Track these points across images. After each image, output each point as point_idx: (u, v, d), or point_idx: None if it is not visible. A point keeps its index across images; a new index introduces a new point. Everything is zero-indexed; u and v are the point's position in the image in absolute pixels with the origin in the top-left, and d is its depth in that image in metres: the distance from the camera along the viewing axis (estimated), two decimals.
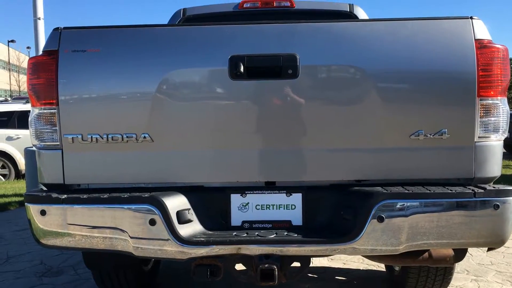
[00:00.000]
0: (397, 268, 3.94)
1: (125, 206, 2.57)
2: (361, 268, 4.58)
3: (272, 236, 2.58)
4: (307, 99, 2.68)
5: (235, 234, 2.62)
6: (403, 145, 2.67)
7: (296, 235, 2.59)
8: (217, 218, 2.75)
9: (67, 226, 2.61)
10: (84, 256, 3.48)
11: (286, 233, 2.63)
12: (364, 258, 4.57)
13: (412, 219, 2.50)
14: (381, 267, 4.52)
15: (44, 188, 2.83)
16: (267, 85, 2.67)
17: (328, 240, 2.54)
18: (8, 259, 5.07)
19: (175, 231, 2.54)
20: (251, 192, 2.75)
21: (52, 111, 2.70)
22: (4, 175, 11.77)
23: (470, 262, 4.66)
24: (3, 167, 11.76)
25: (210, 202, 2.75)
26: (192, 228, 2.65)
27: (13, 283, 4.33)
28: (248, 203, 2.75)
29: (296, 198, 2.74)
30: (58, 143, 2.72)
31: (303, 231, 2.64)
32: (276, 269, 2.56)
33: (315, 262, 4.59)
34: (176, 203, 2.63)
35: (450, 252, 2.99)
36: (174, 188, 2.74)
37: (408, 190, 2.55)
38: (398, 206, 2.51)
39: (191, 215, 2.65)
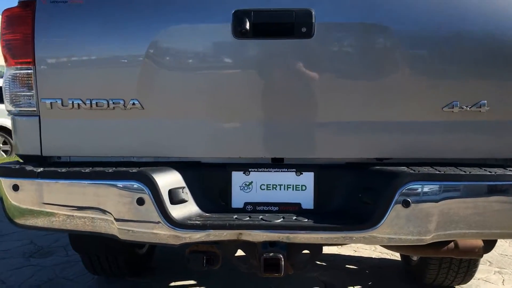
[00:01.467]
0: (414, 258, 3.59)
1: (109, 183, 2.22)
2: (373, 257, 4.24)
3: (279, 220, 2.22)
4: (323, 63, 2.30)
5: (235, 218, 2.26)
6: (434, 119, 2.29)
7: (306, 220, 2.24)
8: (216, 198, 2.39)
9: (43, 204, 2.27)
10: (70, 238, 3.16)
11: (294, 217, 2.27)
12: (377, 246, 4.22)
13: (444, 204, 2.13)
14: (395, 256, 4.17)
15: (21, 161, 2.49)
16: (276, 46, 2.28)
17: (343, 226, 2.18)
18: None
19: (166, 212, 2.19)
20: (256, 169, 2.38)
21: (28, 71, 2.34)
22: (6, 151, 11.50)
23: (492, 253, 4.28)
24: (4, 143, 11.49)
25: (208, 180, 2.39)
26: (187, 209, 2.30)
27: None
28: (251, 182, 2.38)
29: (307, 178, 2.37)
30: (35, 108, 2.37)
31: (315, 216, 2.28)
32: (282, 259, 2.21)
33: (324, 248, 4.25)
34: (168, 180, 2.28)
35: (479, 242, 2.63)
36: (167, 164, 2.38)
37: (439, 171, 2.18)
38: (427, 189, 2.14)
39: (186, 194, 2.30)
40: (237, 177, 2.39)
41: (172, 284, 3.65)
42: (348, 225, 2.18)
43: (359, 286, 3.61)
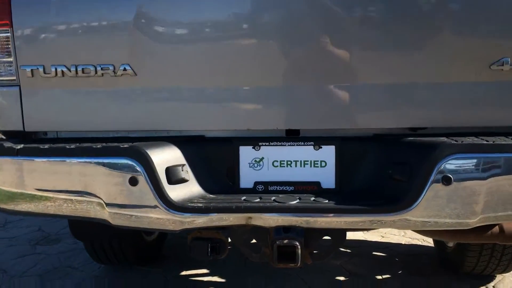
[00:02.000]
0: (450, 245, 3.21)
1: (97, 160, 1.92)
2: (402, 243, 3.88)
3: (294, 202, 1.89)
4: (347, 11, 1.94)
5: (244, 199, 1.94)
6: (480, 79, 1.92)
7: (326, 201, 1.90)
8: (222, 178, 2.08)
9: (24, 185, 1.99)
10: (69, 223, 2.90)
11: (313, 198, 1.94)
12: (407, 231, 3.86)
13: (493, 181, 1.77)
14: (427, 241, 3.80)
15: (3, 137, 2.21)
16: None
17: (371, 208, 1.84)
18: (6, 224, 4.57)
19: (163, 193, 1.88)
20: (267, 143, 2.05)
21: (5, 34, 2.05)
22: None
23: None
24: None
25: (213, 157, 2.08)
26: (187, 190, 1.98)
27: (3, 252, 3.83)
28: (262, 158, 2.05)
29: (328, 153, 2.03)
30: (14, 77, 2.08)
31: (337, 196, 1.95)
32: (299, 247, 1.89)
33: (348, 234, 3.91)
34: (166, 157, 1.97)
35: None
36: (165, 139, 2.07)
37: (487, 141, 1.81)
38: (472, 163, 1.77)
39: (186, 173, 1.99)
40: (246, 153, 2.06)
41: (185, 272, 3.37)
42: (376, 206, 1.84)
43: (388, 276, 3.27)
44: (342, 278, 3.22)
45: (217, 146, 2.09)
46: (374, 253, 3.68)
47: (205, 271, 3.37)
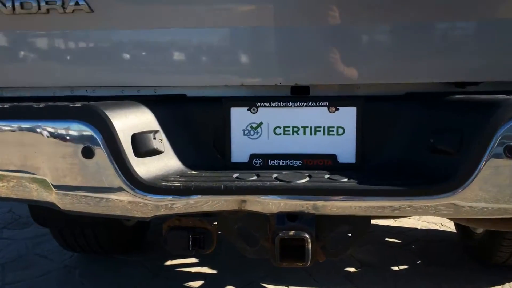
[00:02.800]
0: (479, 231, 2.75)
1: (39, 124, 1.43)
2: (418, 227, 3.42)
3: (303, 180, 1.42)
4: None
5: (236, 177, 1.47)
6: None
7: (345, 179, 1.43)
8: (207, 149, 1.60)
9: None
10: (29, 206, 2.41)
11: (327, 175, 1.47)
12: None
13: None
14: (446, 225, 3.35)
15: None
16: None
17: (406, 189, 1.36)
18: None
19: (128, 168, 1.41)
20: (267, 104, 1.56)
21: None
22: None
23: None
24: None
25: (196, 122, 1.60)
26: (161, 164, 1.50)
27: None
28: (261, 123, 1.57)
29: (346, 116, 1.55)
30: None
31: (358, 173, 1.48)
32: (309, 240, 1.42)
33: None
34: (132, 120, 1.48)
35: None
36: (135, 98, 1.58)
37: None
38: None
39: (160, 142, 1.50)
40: (239, 116, 1.57)
41: (170, 262, 2.91)
42: (413, 187, 1.36)
43: (405, 266, 2.82)
44: (352, 270, 2.77)
45: (202, 108, 1.61)
46: (387, 239, 3.23)
47: (193, 260, 2.91)
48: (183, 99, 1.62)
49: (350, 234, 1.53)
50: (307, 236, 1.40)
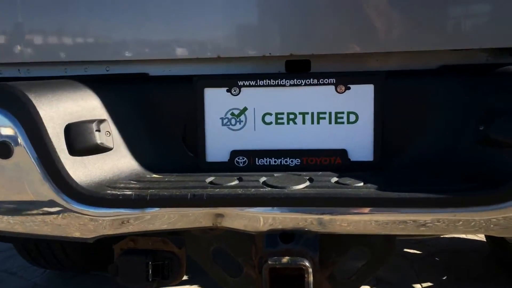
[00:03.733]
0: None
1: None
2: (441, 235, 2.98)
3: (302, 186, 1.02)
4: None
5: (211, 182, 1.07)
6: None
7: (360, 183, 1.02)
8: (174, 144, 1.20)
9: None
10: None
11: (335, 179, 1.06)
12: None
13: None
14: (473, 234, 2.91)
15: None
16: None
17: (451, 197, 0.95)
18: None
19: (59, 171, 1.02)
20: (253, 83, 1.16)
21: None
22: None
23: None
24: None
25: (159, 109, 1.20)
26: (109, 165, 1.11)
27: None
28: (245, 109, 1.17)
29: (361, 97, 1.14)
30: None
31: (378, 175, 1.07)
32: (310, 269, 1.01)
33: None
34: (66, 106, 1.09)
35: None
36: (77, 78, 1.19)
37: None
38: None
39: (107, 136, 1.11)
40: (216, 100, 1.17)
41: None
42: (460, 193, 0.95)
43: (429, 284, 2.40)
44: None
45: (167, 90, 1.21)
46: (406, 250, 2.81)
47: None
48: (144, 79, 1.23)
49: (367, 259, 1.12)
50: (308, 264, 1.00)
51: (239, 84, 1.16)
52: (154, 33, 1.18)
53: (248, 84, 1.16)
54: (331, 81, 1.13)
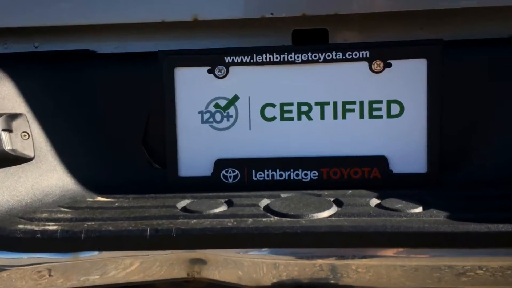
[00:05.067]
0: None
1: None
2: None
3: (327, 213, 0.64)
4: None
5: (184, 209, 0.69)
6: None
7: (417, 209, 0.65)
8: (131, 149, 0.81)
9: None
10: None
11: (376, 200, 0.69)
12: None
13: None
14: None
15: None
16: None
17: None
18: None
19: None
20: (246, 59, 0.78)
21: None
22: None
23: None
24: None
25: (109, 100, 0.81)
26: (27, 184, 0.72)
27: None
28: (235, 98, 0.79)
29: (408, 79, 0.77)
30: None
31: (439, 196, 0.70)
32: None
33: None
34: None
35: None
36: None
37: None
38: None
39: (24, 139, 0.72)
40: (193, 84, 0.79)
41: None
42: None
43: None
44: None
45: (120, 72, 0.82)
46: None
47: None
48: (88, 56, 0.84)
49: None
50: None
51: (226, 61, 0.78)
52: None
53: (239, 61, 0.78)
54: (363, 54, 0.76)
